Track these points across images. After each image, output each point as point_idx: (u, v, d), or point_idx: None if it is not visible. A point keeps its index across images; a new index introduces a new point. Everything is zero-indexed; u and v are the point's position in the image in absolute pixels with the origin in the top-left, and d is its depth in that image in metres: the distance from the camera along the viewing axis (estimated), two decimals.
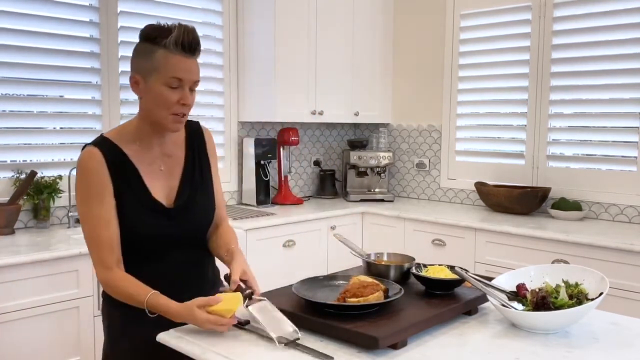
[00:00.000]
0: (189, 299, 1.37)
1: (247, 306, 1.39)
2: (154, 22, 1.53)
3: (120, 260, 1.48)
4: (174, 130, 1.52)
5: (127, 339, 1.53)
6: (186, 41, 1.44)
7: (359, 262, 1.82)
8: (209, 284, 1.64)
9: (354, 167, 3.86)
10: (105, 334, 1.59)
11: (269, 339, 1.32)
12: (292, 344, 1.29)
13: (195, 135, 1.66)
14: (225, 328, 1.36)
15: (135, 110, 1.56)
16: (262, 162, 3.48)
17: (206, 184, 1.64)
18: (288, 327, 1.34)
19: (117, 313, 1.54)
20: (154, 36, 1.46)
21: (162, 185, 1.55)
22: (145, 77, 1.47)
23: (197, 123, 1.70)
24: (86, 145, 1.52)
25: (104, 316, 1.60)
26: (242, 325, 1.40)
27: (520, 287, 1.53)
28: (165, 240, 1.53)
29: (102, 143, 1.51)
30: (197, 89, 1.54)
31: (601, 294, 1.43)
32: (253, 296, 1.42)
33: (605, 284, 1.47)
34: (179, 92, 1.46)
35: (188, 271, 1.59)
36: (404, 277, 1.69)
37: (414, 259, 1.76)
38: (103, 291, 1.54)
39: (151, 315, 1.41)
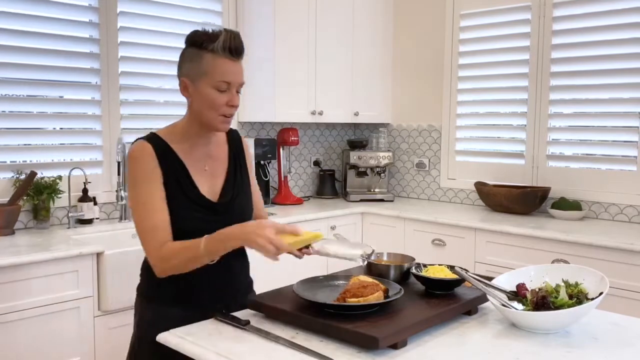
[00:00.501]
0: (228, 294, 1.54)
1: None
2: (154, 21, 1.55)
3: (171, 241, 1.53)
4: (223, 130, 1.60)
5: (155, 334, 1.54)
6: (233, 45, 1.51)
7: (359, 262, 1.81)
8: (245, 283, 1.74)
9: (353, 167, 3.86)
10: (135, 327, 1.66)
11: (272, 337, 1.32)
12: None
13: (235, 141, 1.74)
14: (277, 253, 1.38)
15: (133, 110, 1.58)
16: (262, 162, 3.48)
17: (245, 187, 1.72)
18: (359, 248, 1.43)
19: (149, 307, 1.62)
20: (200, 41, 1.52)
21: (206, 183, 1.62)
22: (194, 80, 1.53)
23: (236, 130, 1.78)
24: (137, 139, 1.60)
25: (136, 310, 1.67)
26: (242, 325, 1.40)
27: (520, 287, 1.53)
28: (202, 231, 1.56)
29: (153, 138, 1.59)
30: None
31: (601, 293, 1.43)
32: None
33: (605, 283, 1.47)
34: (227, 95, 1.53)
35: (228, 266, 1.63)
36: (403, 277, 1.69)
37: (413, 259, 1.76)
38: (138, 285, 1.66)
39: (211, 263, 1.48)
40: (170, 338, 1.37)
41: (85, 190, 2.82)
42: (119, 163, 2.88)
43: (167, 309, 1.57)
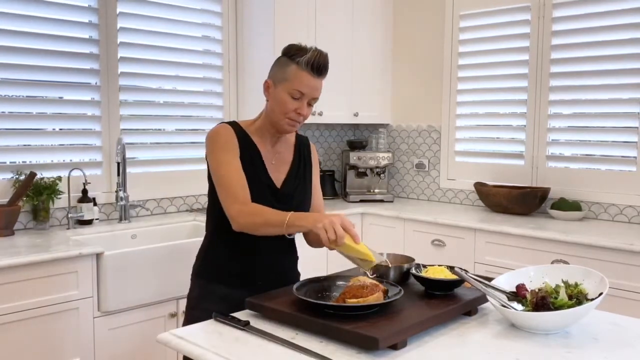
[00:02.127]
0: (278, 277, 1.73)
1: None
2: (153, 22, 1.60)
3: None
4: (287, 132, 1.77)
5: (200, 309, 1.73)
6: (316, 63, 1.68)
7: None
8: (294, 271, 1.89)
9: (353, 167, 3.86)
10: (187, 299, 1.83)
11: (271, 339, 1.32)
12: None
13: (303, 146, 1.90)
14: (333, 242, 1.47)
15: (133, 111, 1.58)
16: None
17: (306, 187, 1.86)
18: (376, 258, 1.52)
19: (197, 284, 1.80)
20: (292, 53, 1.71)
21: (271, 174, 1.77)
22: (275, 84, 1.72)
23: (306, 137, 1.94)
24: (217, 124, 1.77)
25: (191, 285, 1.84)
26: (242, 326, 1.40)
27: (520, 287, 1.53)
28: None
29: (232, 124, 1.76)
30: (196, 89, 1.64)
31: (601, 294, 1.43)
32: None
33: (605, 284, 1.47)
34: (298, 103, 1.69)
35: (281, 250, 1.82)
36: (403, 277, 1.69)
37: (413, 260, 1.76)
38: (193, 265, 1.83)
39: (289, 237, 1.69)
40: (170, 338, 1.37)
41: (84, 191, 2.82)
42: (118, 164, 2.87)
43: (210, 286, 1.76)
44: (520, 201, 3.16)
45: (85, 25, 2.91)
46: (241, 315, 1.50)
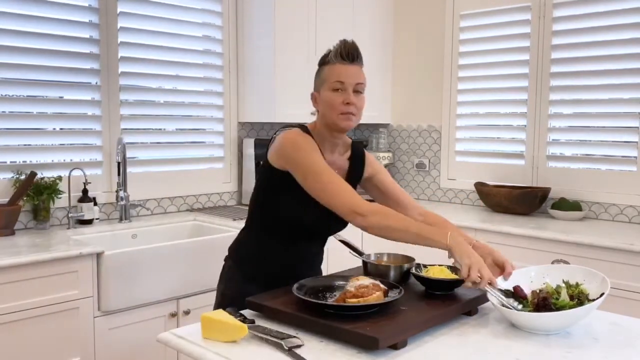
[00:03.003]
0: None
1: None
2: (154, 22, 1.59)
3: None
4: (345, 127, 1.69)
5: (236, 290, 1.77)
6: (344, 50, 1.67)
7: (358, 263, 1.82)
8: (318, 272, 1.91)
9: None
10: (217, 285, 1.88)
11: (273, 341, 1.32)
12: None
13: (356, 154, 1.86)
14: (480, 280, 1.45)
15: (133, 111, 1.58)
16: (262, 162, 3.47)
17: None
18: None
19: (232, 271, 1.83)
20: (322, 59, 1.73)
21: None
22: (318, 91, 1.73)
23: (360, 144, 1.91)
24: (286, 126, 1.75)
25: (221, 276, 1.88)
26: (248, 324, 1.40)
27: (517, 289, 1.53)
28: (315, 227, 1.77)
29: (305, 129, 1.73)
30: (197, 89, 1.61)
31: (602, 294, 1.43)
32: None
33: (607, 284, 1.47)
34: (342, 94, 1.67)
35: (317, 257, 1.89)
36: (404, 277, 1.69)
37: (414, 260, 1.76)
38: (226, 257, 1.87)
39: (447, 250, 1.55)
40: (170, 338, 1.37)
41: (85, 191, 2.82)
42: (119, 163, 2.87)
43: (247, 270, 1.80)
44: (521, 201, 3.15)
45: (86, 25, 2.91)
46: (246, 313, 1.50)
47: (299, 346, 1.29)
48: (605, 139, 3.09)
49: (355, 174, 1.84)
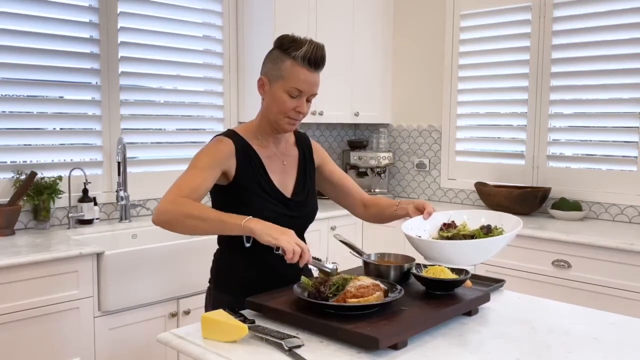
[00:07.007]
0: (291, 280, 1.55)
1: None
2: (154, 22, 1.57)
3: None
4: (287, 131, 1.70)
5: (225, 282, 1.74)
6: (313, 57, 1.60)
7: (359, 263, 1.81)
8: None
9: (354, 167, 3.86)
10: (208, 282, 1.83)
11: (273, 341, 1.32)
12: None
13: (303, 141, 1.83)
14: (296, 253, 1.41)
15: (133, 111, 1.58)
16: None
17: (313, 187, 1.81)
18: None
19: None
20: (286, 47, 1.62)
21: (279, 179, 1.71)
22: (271, 81, 1.65)
23: (304, 133, 1.88)
24: (216, 135, 1.70)
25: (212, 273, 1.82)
26: (249, 324, 1.40)
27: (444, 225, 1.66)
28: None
29: (232, 135, 1.68)
30: (197, 89, 1.60)
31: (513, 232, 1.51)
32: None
33: (520, 224, 1.55)
34: (296, 101, 1.63)
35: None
36: (404, 277, 1.69)
37: (414, 260, 1.75)
38: (214, 259, 1.80)
39: (247, 244, 1.53)
40: (170, 338, 1.37)
41: (85, 191, 2.82)
42: (119, 163, 2.87)
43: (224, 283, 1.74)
44: (521, 201, 3.15)
45: (86, 24, 2.91)
46: (246, 313, 1.50)
47: (299, 346, 1.29)
48: (606, 139, 3.09)
49: (306, 161, 1.81)
